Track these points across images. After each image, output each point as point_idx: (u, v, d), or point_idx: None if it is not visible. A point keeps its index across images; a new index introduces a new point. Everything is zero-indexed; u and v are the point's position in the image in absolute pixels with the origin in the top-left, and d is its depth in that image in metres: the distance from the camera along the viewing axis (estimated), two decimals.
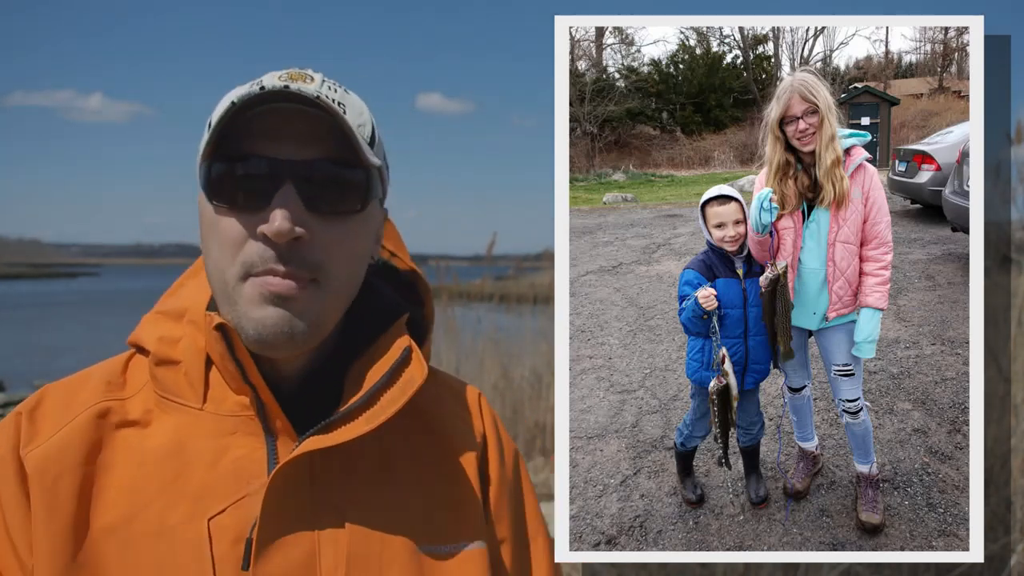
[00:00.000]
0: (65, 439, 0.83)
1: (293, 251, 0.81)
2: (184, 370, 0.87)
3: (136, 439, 0.85)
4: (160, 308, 0.94)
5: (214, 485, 0.83)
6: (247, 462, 0.84)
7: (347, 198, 0.84)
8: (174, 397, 0.87)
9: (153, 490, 0.82)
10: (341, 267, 0.85)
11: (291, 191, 0.80)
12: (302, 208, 0.81)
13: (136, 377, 0.90)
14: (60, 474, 0.81)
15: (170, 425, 0.86)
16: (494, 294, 6.65)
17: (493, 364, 5.89)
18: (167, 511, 0.81)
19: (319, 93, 0.81)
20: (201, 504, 0.82)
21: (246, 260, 0.81)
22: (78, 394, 0.88)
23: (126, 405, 0.87)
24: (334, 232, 0.83)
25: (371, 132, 0.87)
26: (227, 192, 0.82)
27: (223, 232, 0.82)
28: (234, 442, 0.85)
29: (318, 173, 0.82)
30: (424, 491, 0.92)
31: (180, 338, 0.89)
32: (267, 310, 0.81)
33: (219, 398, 0.86)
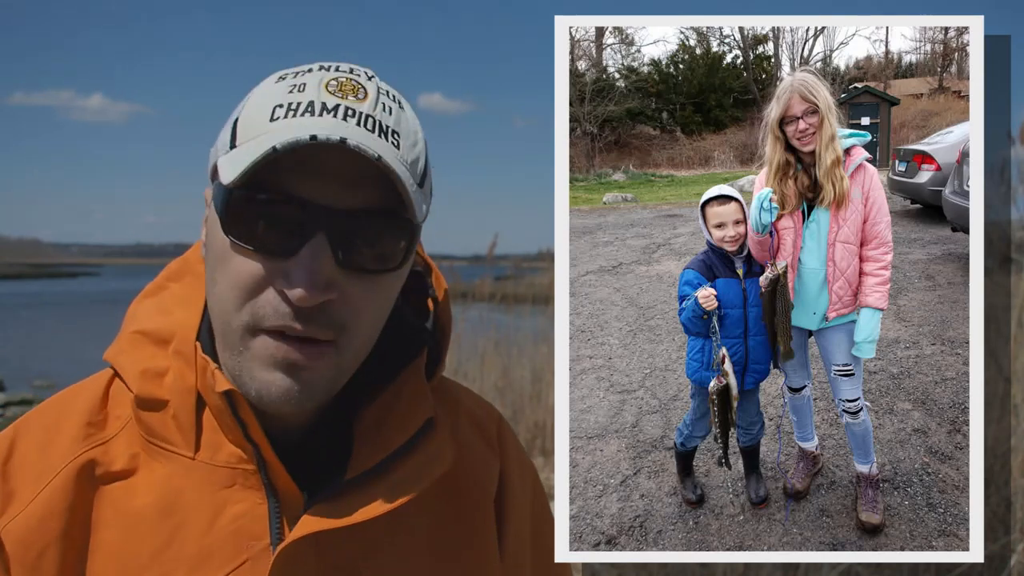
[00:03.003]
0: (46, 506, 0.73)
1: (315, 312, 0.70)
2: (172, 413, 0.76)
3: (123, 496, 0.75)
4: (141, 325, 0.81)
5: (212, 549, 0.74)
6: (247, 521, 0.75)
7: (387, 255, 0.72)
8: (162, 443, 0.76)
9: (147, 556, 0.73)
10: (367, 325, 0.74)
11: (323, 244, 0.68)
12: (333, 265, 0.69)
13: (118, 409, 0.79)
14: (44, 549, 0.72)
15: (160, 476, 0.76)
16: (494, 294, 6.65)
17: (493, 364, 5.90)
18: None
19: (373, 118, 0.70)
20: (198, 572, 0.73)
21: (258, 312, 0.70)
22: (54, 441, 0.77)
23: (110, 451, 0.77)
24: (364, 289, 0.72)
25: (423, 167, 0.75)
26: (247, 230, 0.69)
27: (235, 272, 0.70)
28: (232, 496, 0.75)
29: (358, 225, 0.70)
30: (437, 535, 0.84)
31: (166, 371, 0.77)
32: (275, 375, 0.71)
33: (214, 445, 0.76)
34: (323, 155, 0.67)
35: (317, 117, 0.69)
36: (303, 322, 0.70)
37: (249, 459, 0.75)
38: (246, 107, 0.73)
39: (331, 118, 0.69)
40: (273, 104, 0.70)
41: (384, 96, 0.74)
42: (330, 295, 0.69)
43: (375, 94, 0.73)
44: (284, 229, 0.69)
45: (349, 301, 0.71)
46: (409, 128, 0.74)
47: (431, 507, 0.83)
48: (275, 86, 0.73)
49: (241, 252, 0.70)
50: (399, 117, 0.73)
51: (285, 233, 0.69)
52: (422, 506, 0.82)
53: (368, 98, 0.72)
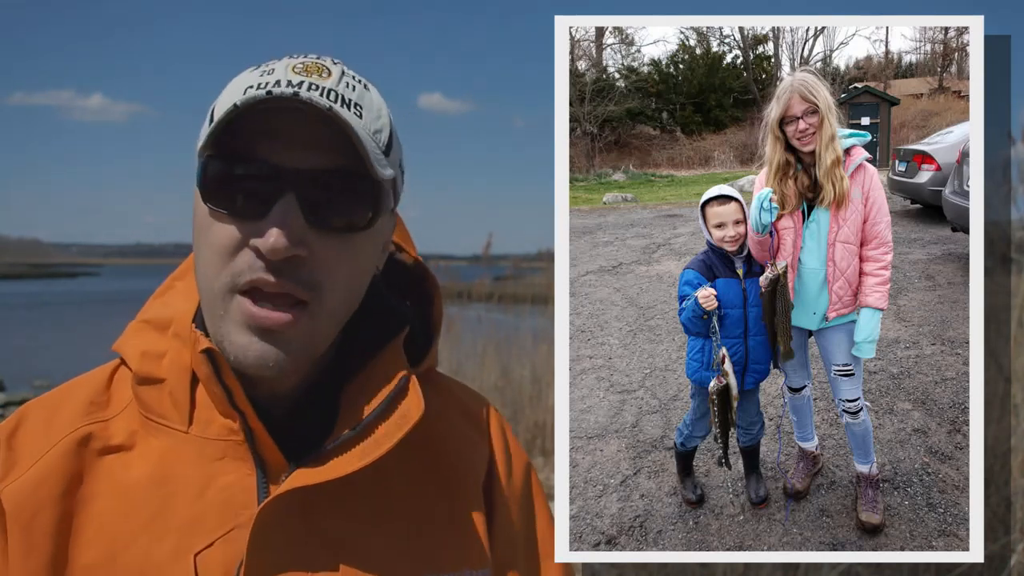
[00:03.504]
0: (43, 471, 0.77)
1: (287, 267, 0.74)
2: (168, 389, 0.81)
3: (119, 468, 0.79)
4: (145, 315, 0.87)
5: (201, 517, 0.77)
6: (236, 491, 0.78)
7: (354, 214, 0.77)
8: (158, 419, 0.81)
9: (137, 524, 0.77)
10: (339, 287, 0.78)
11: (292, 203, 0.73)
12: (303, 223, 0.74)
13: (121, 392, 0.84)
14: (37, 511, 0.76)
15: (155, 450, 0.80)
16: (493, 294, 6.65)
17: (493, 364, 5.90)
18: (152, 546, 0.76)
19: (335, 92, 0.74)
20: (187, 538, 0.76)
21: (235, 270, 0.74)
22: (59, 416, 0.82)
23: (109, 427, 0.81)
24: (336, 249, 0.76)
25: (388, 137, 0.79)
26: (223, 196, 0.75)
27: (215, 238, 0.75)
28: (221, 468, 0.79)
29: (324, 185, 0.74)
30: (424, 517, 0.86)
31: (164, 352, 0.82)
32: (250, 338, 0.75)
33: (206, 420, 0.80)
34: (287, 121, 0.73)
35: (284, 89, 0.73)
36: (275, 275, 0.74)
37: (238, 431, 0.79)
38: (222, 93, 0.78)
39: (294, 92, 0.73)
40: (245, 86, 0.75)
41: (349, 78, 0.78)
42: (300, 251, 0.73)
43: (339, 74, 0.77)
44: (256, 192, 0.74)
45: (320, 260, 0.75)
46: (373, 104, 0.79)
47: (416, 481, 0.87)
48: (248, 74, 0.78)
49: (219, 218, 0.75)
50: (363, 94, 0.78)
51: (257, 196, 0.74)
52: (407, 480, 0.86)
53: (332, 76, 0.76)
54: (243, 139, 0.74)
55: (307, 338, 0.77)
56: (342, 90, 0.76)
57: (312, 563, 0.78)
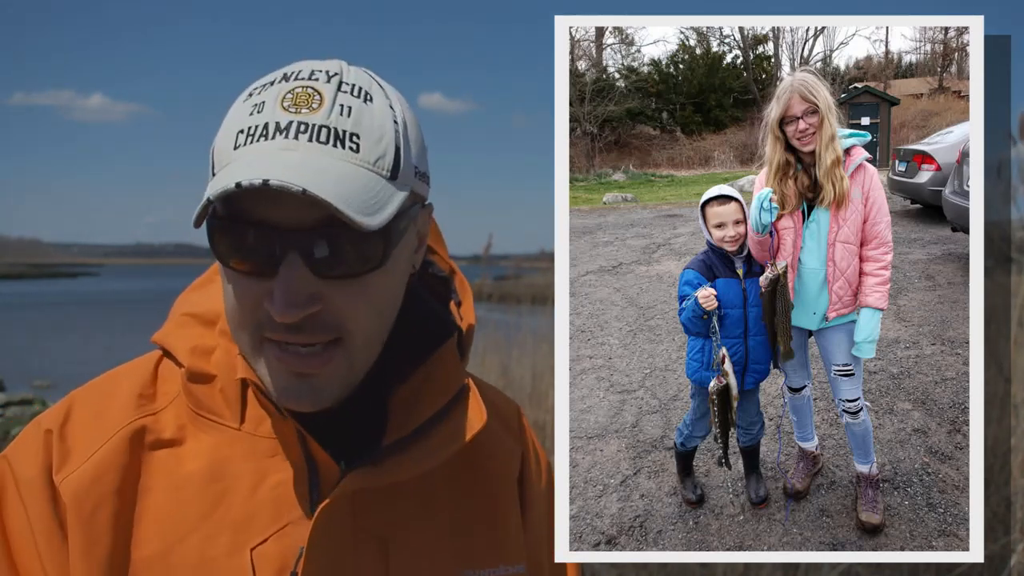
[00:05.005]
0: (101, 465, 0.78)
1: (307, 322, 0.74)
2: (220, 386, 0.82)
3: (172, 462, 0.81)
4: (189, 308, 0.88)
5: (255, 513, 0.79)
6: (288, 488, 0.80)
7: (363, 258, 0.74)
8: (210, 415, 0.82)
9: (192, 519, 0.78)
10: (366, 323, 0.77)
11: (296, 262, 0.72)
12: (311, 278, 0.72)
13: (167, 385, 0.85)
14: (98, 504, 0.77)
15: (207, 445, 0.81)
16: (493, 294, 6.65)
17: (493, 364, 5.89)
18: (208, 541, 0.78)
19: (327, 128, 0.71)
20: (242, 534, 0.78)
21: (258, 322, 0.75)
22: (109, 408, 0.83)
23: (159, 420, 0.82)
24: (353, 290, 0.75)
25: (393, 160, 0.75)
26: (231, 259, 0.74)
27: (235, 291, 0.76)
28: (273, 465, 0.81)
29: (327, 237, 0.72)
30: (465, 515, 0.89)
31: (213, 349, 0.83)
32: (288, 382, 0.76)
33: (257, 418, 0.82)
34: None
35: (270, 141, 0.72)
36: (296, 332, 0.74)
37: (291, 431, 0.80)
38: (220, 131, 0.77)
39: (282, 139, 0.72)
40: (236, 130, 0.74)
41: (344, 95, 0.75)
42: (312, 308, 0.73)
43: (332, 98, 0.74)
44: (261, 253, 0.73)
45: (338, 307, 0.75)
46: (373, 124, 0.75)
47: (457, 481, 0.89)
48: (242, 106, 0.76)
49: (232, 277, 0.75)
50: (360, 116, 0.74)
51: (262, 256, 0.73)
52: (450, 481, 0.88)
53: (323, 105, 0.73)
54: (245, 202, 0.72)
55: (345, 370, 0.78)
56: (334, 121, 0.73)
57: (363, 560, 0.81)
